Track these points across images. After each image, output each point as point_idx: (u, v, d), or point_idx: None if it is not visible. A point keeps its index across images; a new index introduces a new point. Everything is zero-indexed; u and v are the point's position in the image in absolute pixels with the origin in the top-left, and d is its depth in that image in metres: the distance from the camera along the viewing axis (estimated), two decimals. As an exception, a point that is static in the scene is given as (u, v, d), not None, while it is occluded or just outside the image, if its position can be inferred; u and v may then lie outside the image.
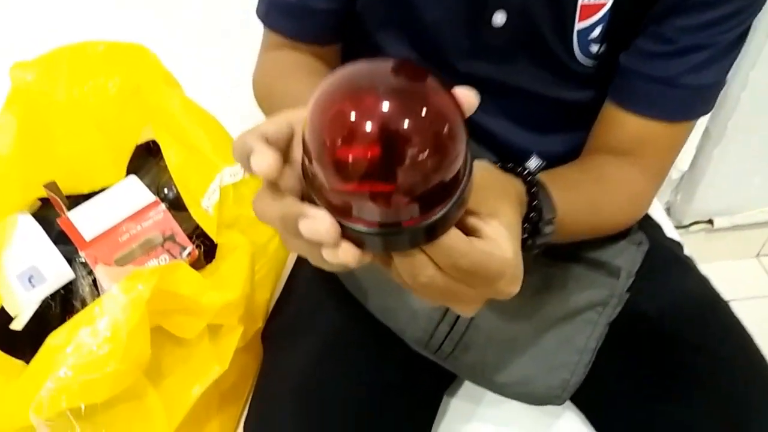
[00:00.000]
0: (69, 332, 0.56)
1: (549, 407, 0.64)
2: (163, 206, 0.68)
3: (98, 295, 0.73)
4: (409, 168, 0.28)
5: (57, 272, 0.71)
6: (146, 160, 0.82)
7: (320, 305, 0.68)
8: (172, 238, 0.66)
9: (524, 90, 0.62)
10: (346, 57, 0.72)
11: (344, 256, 0.31)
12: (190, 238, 0.73)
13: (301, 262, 0.76)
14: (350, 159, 0.28)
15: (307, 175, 0.31)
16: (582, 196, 0.55)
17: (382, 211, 0.29)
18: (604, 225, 0.61)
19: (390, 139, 0.27)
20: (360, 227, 0.30)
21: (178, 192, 0.78)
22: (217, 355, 0.64)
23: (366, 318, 0.64)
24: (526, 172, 0.47)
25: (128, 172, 0.78)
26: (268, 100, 0.66)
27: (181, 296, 0.60)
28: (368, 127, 0.27)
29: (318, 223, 0.30)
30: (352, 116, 0.27)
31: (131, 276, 0.58)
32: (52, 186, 0.69)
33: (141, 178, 0.79)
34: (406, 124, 0.27)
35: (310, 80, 0.61)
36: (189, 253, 0.66)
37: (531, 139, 0.65)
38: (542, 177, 0.50)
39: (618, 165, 0.59)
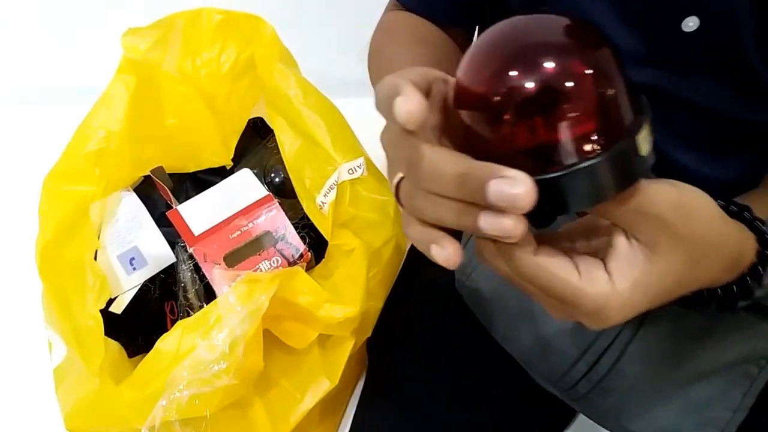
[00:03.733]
0: (181, 339, 0.52)
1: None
2: (276, 202, 0.63)
3: (199, 280, 0.70)
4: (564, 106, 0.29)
5: (159, 256, 0.68)
6: (253, 139, 0.77)
7: (436, 322, 0.62)
8: (284, 237, 0.61)
9: (698, 105, 0.53)
10: None
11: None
12: (296, 227, 0.68)
13: (413, 267, 0.70)
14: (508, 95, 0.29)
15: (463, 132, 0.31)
16: None
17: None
18: None
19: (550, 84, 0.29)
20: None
21: (284, 177, 0.73)
22: (326, 368, 0.60)
23: (486, 341, 0.59)
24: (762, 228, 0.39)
25: (236, 152, 0.74)
26: (376, 63, 0.60)
27: (298, 305, 0.55)
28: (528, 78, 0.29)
29: (516, 183, 0.27)
30: (514, 71, 0.29)
31: (248, 281, 0.54)
32: (158, 172, 0.65)
33: (247, 160, 0.75)
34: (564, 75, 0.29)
35: (417, 50, 0.57)
36: (302, 255, 0.61)
37: (699, 160, 0.57)
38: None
39: None
